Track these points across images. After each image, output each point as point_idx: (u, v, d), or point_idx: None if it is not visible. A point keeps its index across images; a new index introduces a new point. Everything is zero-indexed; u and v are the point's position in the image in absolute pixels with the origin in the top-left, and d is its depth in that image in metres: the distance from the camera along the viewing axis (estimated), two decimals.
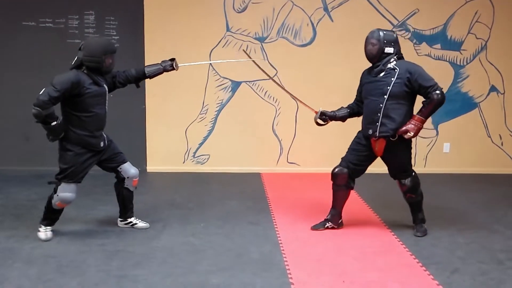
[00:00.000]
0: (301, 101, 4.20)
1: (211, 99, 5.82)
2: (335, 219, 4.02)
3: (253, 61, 4.41)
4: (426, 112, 3.70)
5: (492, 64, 5.89)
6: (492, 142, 6.05)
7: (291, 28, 5.70)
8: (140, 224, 4.01)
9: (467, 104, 5.93)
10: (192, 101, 5.78)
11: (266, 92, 5.81)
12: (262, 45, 5.73)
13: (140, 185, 5.26)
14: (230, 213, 4.38)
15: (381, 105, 3.72)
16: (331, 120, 4.07)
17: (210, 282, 3.08)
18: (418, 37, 5.80)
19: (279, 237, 3.86)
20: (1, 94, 5.59)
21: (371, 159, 3.93)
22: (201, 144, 5.90)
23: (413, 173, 3.92)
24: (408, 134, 3.69)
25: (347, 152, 3.98)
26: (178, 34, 5.62)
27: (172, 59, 3.97)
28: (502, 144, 6.06)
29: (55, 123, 3.47)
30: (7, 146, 5.18)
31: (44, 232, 3.71)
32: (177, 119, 5.81)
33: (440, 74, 5.84)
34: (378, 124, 3.74)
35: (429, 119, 5.92)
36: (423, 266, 3.35)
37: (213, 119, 5.86)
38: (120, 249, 3.58)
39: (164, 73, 3.98)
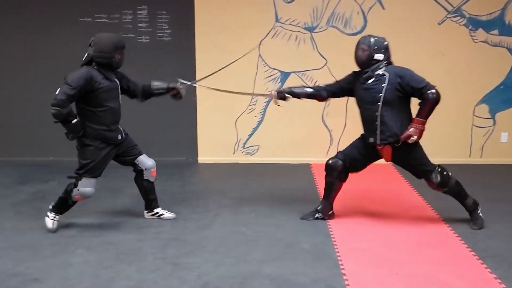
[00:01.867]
0: (251, 94, 4.16)
1: (260, 90, 5.82)
2: (325, 210, 4.01)
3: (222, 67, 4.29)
4: (424, 113, 3.64)
5: None
6: None
7: (341, 17, 5.62)
8: (167, 214, 4.06)
9: None
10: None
11: (315, 82, 5.76)
12: (311, 35, 5.68)
13: (191, 175, 5.46)
14: (280, 203, 4.40)
15: (376, 113, 3.67)
16: (291, 96, 4.02)
17: (262, 272, 3.12)
18: (474, 23, 5.58)
19: (330, 228, 3.85)
20: (54, 88, 5.82)
21: (371, 160, 3.90)
22: (250, 135, 5.95)
23: (436, 167, 3.79)
24: (412, 138, 3.64)
25: (348, 146, 3.95)
26: (227, 26, 5.67)
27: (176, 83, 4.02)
28: None
29: (75, 120, 3.54)
30: (63, 137, 5.42)
31: (52, 221, 3.76)
32: (227, 111, 5.88)
33: (497, 61, 5.65)
34: (378, 132, 3.70)
35: (486, 108, 5.76)
36: (480, 259, 3.26)
37: (262, 110, 5.88)
38: (174, 238, 3.68)
39: (170, 93, 4.06)
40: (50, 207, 3.80)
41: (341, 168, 3.89)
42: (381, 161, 3.95)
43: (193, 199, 4.55)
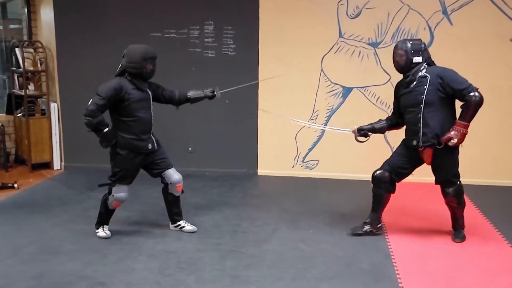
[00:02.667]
0: (324, 127, 4.15)
1: (322, 105, 5.84)
2: (374, 223, 3.97)
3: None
4: (467, 116, 3.56)
5: None
6: None
7: (407, 33, 5.52)
8: (188, 227, 4.09)
9: None
10: (302, 106, 5.84)
11: (378, 98, 5.69)
12: (375, 50, 5.63)
13: (252, 187, 5.52)
14: (339, 220, 4.36)
15: (419, 115, 3.65)
16: (372, 133, 4.03)
17: None
18: None
19: (391, 248, 3.78)
20: None
21: (416, 165, 3.86)
22: (310, 149, 5.94)
23: (458, 182, 3.78)
24: (452, 141, 3.57)
25: (392, 156, 3.93)
26: (291, 41, 5.72)
27: (214, 88, 4.10)
28: None
29: (106, 129, 3.66)
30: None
31: (102, 232, 3.93)
32: (287, 124, 5.89)
33: None
34: (420, 134, 3.67)
35: None
36: None
37: (323, 124, 5.87)
38: (233, 249, 3.75)
39: (206, 99, 4.12)
40: (95, 225, 3.97)
41: (388, 179, 3.88)
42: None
43: (253, 212, 4.61)
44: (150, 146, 3.85)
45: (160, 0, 5.76)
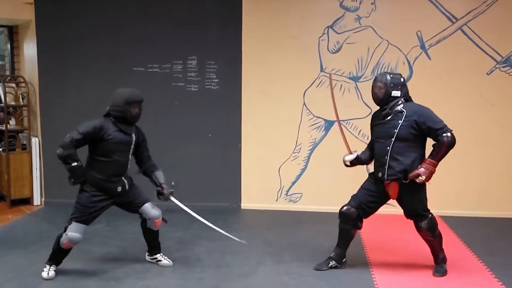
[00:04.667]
0: (344, 139, 4.16)
1: (304, 138, 5.88)
2: (339, 258, 3.96)
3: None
4: (438, 155, 3.60)
5: None
6: None
7: (387, 67, 5.65)
8: (164, 261, 4.05)
9: None
10: (285, 140, 5.88)
11: (360, 130, 5.76)
12: (356, 84, 5.73)
13: (235, 221, 5.47)
14: (323, 253, 4.31)
15: (388, 147, 3.67)
16: (358, 164, 4.06)
17: None
18: None
19: (375, 281, 3.75)
20: None
21: (383, 200, 3.86)
22: (294, 182, 5.95)
23: (430, 215, 3.79)
24: (420, 178, 3.59)
25: (358, 191, 3.92)
26: (273, 76, 5.81)
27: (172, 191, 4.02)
28: None
29: (75, 164, 3.60)
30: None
31: (47, 272, 3.76)
32: (271, 158, 5.93)
33: None
34: (386, 167, 3.69)
35: None
36: None
37: (306, 158, 5.90)
38: (216, 284, 3.68)
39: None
40: (46, 262, 3.82)
41: (356, 215, 3.86)
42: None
43: (236, 246, 4.53)
44: (119, 189, 3.79)
45: (143, 35, 5.83)
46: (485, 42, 5.50)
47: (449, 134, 3.59)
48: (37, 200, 6.11)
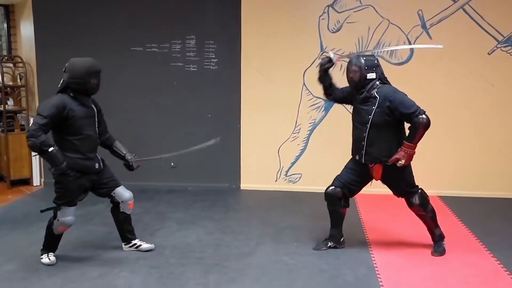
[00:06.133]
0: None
1: (304, 119, 5.86)
2: (336, 238, 3.99)
3: None
4: (415, 138, 3.58)
5: None
6: None
7: (387, 47, 5.60)
8: (145, 245, 3.93)
9: None
10: (285, 120, 5.86)
11: None
12: None
13: (234, 202, 5.49)
14: (322, 233, 4.33)
15: (364, 134, 3.69)
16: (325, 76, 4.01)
17: None
18: None
19: (374, 260, 3.77)
20: (110, 113, 6.04)
21: (366, 180, 3.90)
22: (293, 163, 5.95)
23: (419, 191, 3.82)
24: (400, 162, 3.61)
25: (342, 171, 3.95)
26: (273, 55, 5.76)
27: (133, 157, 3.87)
28: None
29: (52, 148, 3.36)
30: (114, 163, 5.60)
31: (47, 258, 3.69)
32: (270, 138, 5.92)
33: None
34: (363, 152, 3.71)
35: None
36: None
37: (306, 138, 5.89)
38: (216, 264, 3.70)
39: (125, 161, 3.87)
40: (41, 250, 3.75)
41: (341, 195, 3.90)
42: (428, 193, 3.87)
43: (236, 226, 4.57)
44: (97, 166, 3.65)
45: (141, 14, 5.76)
46: (486, 22, 5.44)
47: (423, 116, 3.55)
48: (36, 180, 6.12)
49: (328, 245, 4.00)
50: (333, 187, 3.91)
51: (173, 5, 5.73)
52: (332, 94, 4.05)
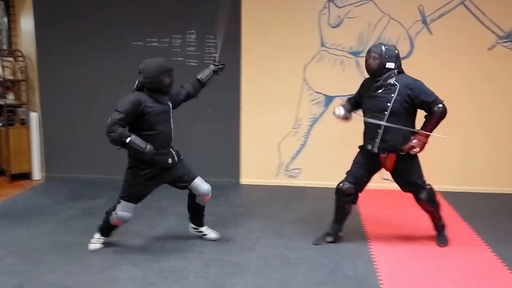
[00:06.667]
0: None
1: (304, 114, 5.87)
2: (336, 233, 4.02)
3: None
4: (430, 126, 3.65)
5: None
6: None
7: (388, 42, 5.58)
8: (211, 234, 4.06)
9: None
10: (285, 115, 5.87)
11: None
12: (357, 59, 5.69)
13: (235, 196, 5.50)
14: (323, 227, 4.35)
15: (381, 121, 3.67)
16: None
17: None
18: None
19: (373, 255, 3.80)
20: (112, 108, 6.04)
21: (373, 172, 3.91)
22: (293, 158, 5.96)
23: (428, 186, 3.84)
24: (414, 149, 3.65)
25: (353, 167, 3.94)
26: (273, 50, 5.76)
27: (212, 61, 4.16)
28: None
29: (129, 138, 3.49)
30: (113, 155, 5.61)
31: (94, 243, 3.83)
32: (270, 133, 5.93)
33: None
34: (378, 140, 3.71)
35: None
36: None
37: (306, 133, 5.90)
38: (217, 258, 3.72)
39: (216, 75, 4.17)
40: (97, 227, 3.90)
41: (353, 191, 3.90)
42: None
43: (237, 221, 4.59)
44: (170, 161, 3.76)
45: (141, 9, 5.75)
46: (487, 17, 5.44)
47: (441, 105, 3.62)
48: (37, 174, 6.13)
49: (327, 239, 4.02)
50: (347, 183, 3.91)
51: (173, 0, 5.72)
52: (357, 106, 4.05)
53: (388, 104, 3.66)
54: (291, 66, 5.75)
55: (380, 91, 3.71)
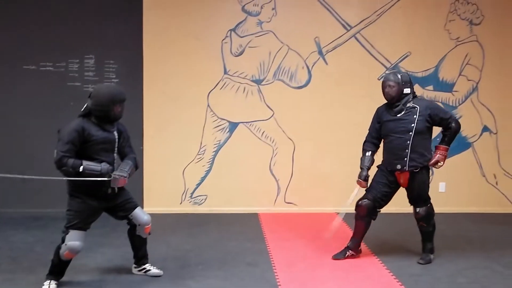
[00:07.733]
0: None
1: (209, 140, 5.88)
2: (355, 246, 4.23)
3: None
4: (449, 141, 4.09)
5: (483, 105, 6.02)
6: (487, 181, 6.10)
7: (287, 71, 5.83)
8: (154, 270, 3.88)
9: (461, 144, 5.96)
10: (189, 142, 5.83)
11: (263, 132, 5.88)
12: (259, 87, 5.84)
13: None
14: (228, 254, 4.35)
15: (408, 141, 4.00)
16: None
17: None
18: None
19: (278, 278, 3.83)
20: (2, 135, 5.61)
21: (395, 190, 4.19)
22: (198, 184, 5.91)
23: (429, 204, 4.17)
24: (439, 163, 4.05)
25: (373, 184, 4.19)
26: (176, 77, 5.74)
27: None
28: (496, 184, 6.11)
29: (81, 167, 3.37)
30: (4, 187, 5.15)
31: (48, 286, 3.54)
32: (174, 160, 5.84)
33: None
34: (407, 159, 4.01)
35: None
36: None
37: (211, 159, 5.90)
38: None
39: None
40: (46, 275, 3.57)
41: (372, 207, 4.11)
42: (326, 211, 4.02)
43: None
44: (109, 191, 3.56)
45: (35, 29, 5.46)
46: (376, 49, 5.88)
47: (457, 120, 4.09)
48: None
49: (347, 254, 4.17)
50: (366, 199, 4.11)
51: (70, 23, 5.51)
52: (378, 145, 4.27)
53: (412, 125, 3.98)
54: (195, 93, 5.76)
55: (400, 114, 4.04)
